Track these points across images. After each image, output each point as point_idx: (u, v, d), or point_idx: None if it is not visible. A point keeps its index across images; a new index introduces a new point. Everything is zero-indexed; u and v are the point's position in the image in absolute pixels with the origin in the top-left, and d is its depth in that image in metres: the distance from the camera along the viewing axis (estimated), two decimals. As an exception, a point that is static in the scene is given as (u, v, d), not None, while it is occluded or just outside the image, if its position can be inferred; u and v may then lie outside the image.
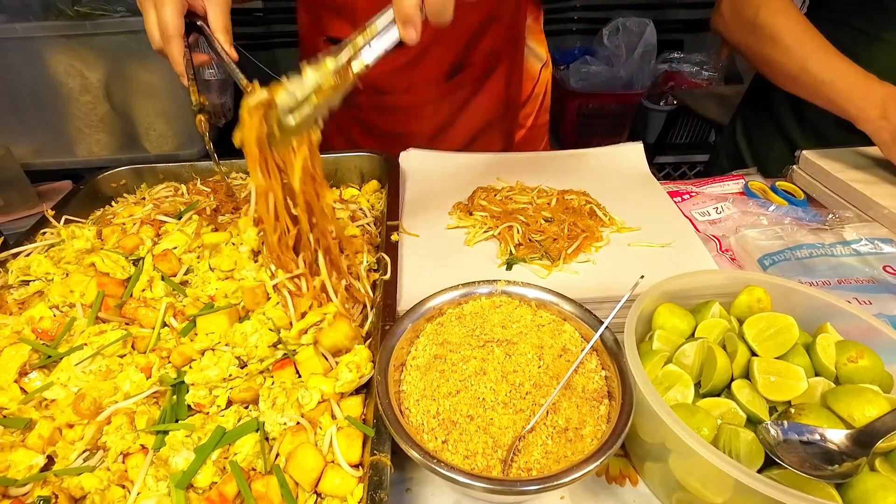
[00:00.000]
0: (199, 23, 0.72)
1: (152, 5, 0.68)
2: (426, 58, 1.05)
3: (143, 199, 0.92)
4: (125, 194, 0.95)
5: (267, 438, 0.54)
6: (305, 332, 0.61)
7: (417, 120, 1.13)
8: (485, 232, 0.82)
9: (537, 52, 1.24)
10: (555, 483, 0.44)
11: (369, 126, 1.16)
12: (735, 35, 1.10)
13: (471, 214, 0.86)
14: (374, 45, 0.57)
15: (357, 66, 0.57)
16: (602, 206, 0.88)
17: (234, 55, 0.72)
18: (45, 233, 0.80)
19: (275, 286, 0.65)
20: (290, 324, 0.62)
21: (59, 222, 0.81)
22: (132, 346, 0.62)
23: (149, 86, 1.96)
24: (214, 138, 0.73)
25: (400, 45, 0.57)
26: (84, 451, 0.53)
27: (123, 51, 1.88)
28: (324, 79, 0.56)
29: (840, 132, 1.11)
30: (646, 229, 0.83)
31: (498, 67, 1.13)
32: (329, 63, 0.56)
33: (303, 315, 0.63)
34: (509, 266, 0.75)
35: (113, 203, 0.93)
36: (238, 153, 0.61)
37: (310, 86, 0.56)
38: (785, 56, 1.00)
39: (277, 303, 0.64)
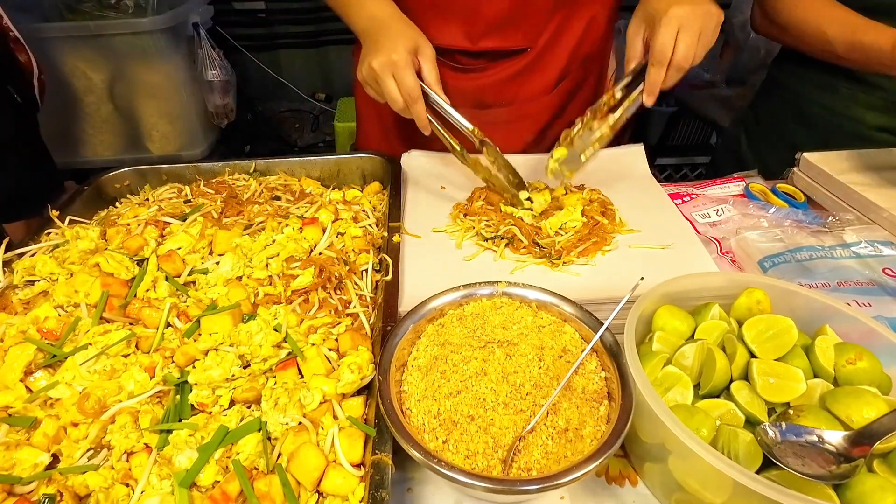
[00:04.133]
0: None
1: (391, 75, 0.79)
2: (537, 67, 1.02)
3: (147, 200, 0.92)
4: (129, 195, 0.96)
5: (269, 438, 0.54)
6: (315, 332, 0.62)
7: (511, 135, 1.07)
8: (474, 236, 0.83)
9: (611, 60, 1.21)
10: (555, 483, 0.45)
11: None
12: (773, 35, 1.16)
13: (466, 216, 0.86)
14: (628, 109, 0.79)
15: (617, 123, 0.80)
16: (613, 206, 0.88)
17: (447, 100, 0.83)
18: (49, 233, 0.80)
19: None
20: (301, 322, 0.63)
21: (63, 223, 0.82)
22: (136, 346, 0.63)
23: (152, 87, 1.97)
24: (219, 138, 0.73)
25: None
26: (88, 450, 0.54)
27: (127, 52, 1.89)
28: (603, 131, 0.80)
29: (845, 138, 1.11)
30: (646, 231, 0.84)
31: (590, 74, 1.09)
32: (610, 119, 0.79)
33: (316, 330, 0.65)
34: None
35: (117, 204, 0.93)
36: (240, 155, 0.63)
37: (595, 137, 0.80)
38: (814, 42, 1.05)
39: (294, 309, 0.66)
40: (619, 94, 0.81)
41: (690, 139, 2.71)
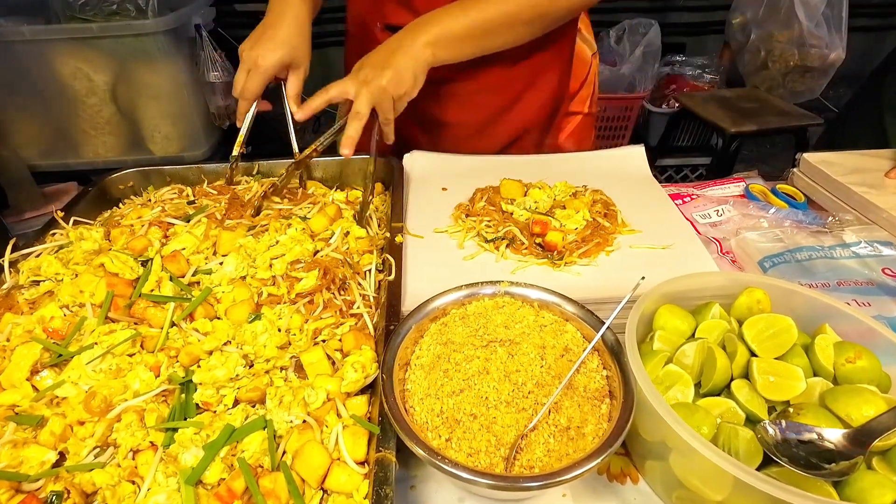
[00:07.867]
0: (282, 81, 0.96)
1: (246, 70, 0.90)
2: None
3: (150, 200, 0.93)
4: (133, 196, 0.96)
5: (274, 436, 0.55)
6: (320, 333, 0.62)
7: (470, 109, 1.08)
8: (475, 236, 0.83)
9: (587, 38, 1.22)
10: (556, 480, 0.45)
11: (419, 115, 1.08)
12: None
13: (467, 216, 0.87)
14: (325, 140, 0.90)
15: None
16: (616, 206, 0.88)
17: (299, 117, 0.93)
18: (54, 234, 0.81)
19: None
20: (306, 322, 0.64)
21: (67, 224, 0.82)
22: (141, 346, 0.63)
23: (154, 88, 1.97)
24: (221, 139, 0.75)
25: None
26: (95, 448, 0.54)
27: (129, 53, 1.89)
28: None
29: None
30: (647, 231, 0.84)
31: (555, 58, 1.09)
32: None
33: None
34: None
35: (120, 205, 0.94)
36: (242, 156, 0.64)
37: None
38: None
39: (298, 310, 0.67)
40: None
41: (691, 140, 2.72)
